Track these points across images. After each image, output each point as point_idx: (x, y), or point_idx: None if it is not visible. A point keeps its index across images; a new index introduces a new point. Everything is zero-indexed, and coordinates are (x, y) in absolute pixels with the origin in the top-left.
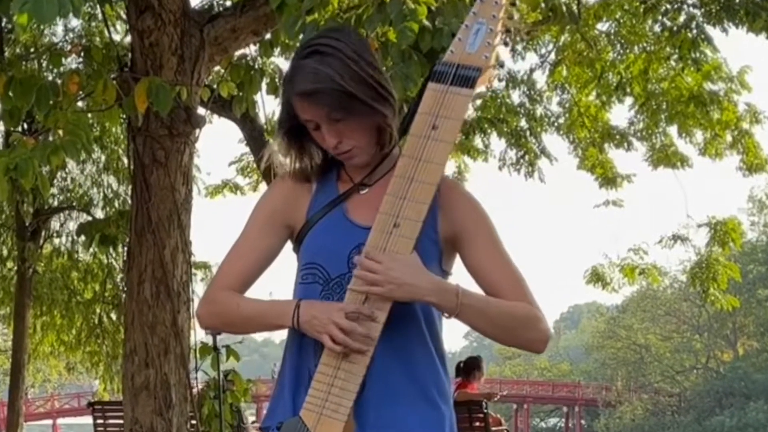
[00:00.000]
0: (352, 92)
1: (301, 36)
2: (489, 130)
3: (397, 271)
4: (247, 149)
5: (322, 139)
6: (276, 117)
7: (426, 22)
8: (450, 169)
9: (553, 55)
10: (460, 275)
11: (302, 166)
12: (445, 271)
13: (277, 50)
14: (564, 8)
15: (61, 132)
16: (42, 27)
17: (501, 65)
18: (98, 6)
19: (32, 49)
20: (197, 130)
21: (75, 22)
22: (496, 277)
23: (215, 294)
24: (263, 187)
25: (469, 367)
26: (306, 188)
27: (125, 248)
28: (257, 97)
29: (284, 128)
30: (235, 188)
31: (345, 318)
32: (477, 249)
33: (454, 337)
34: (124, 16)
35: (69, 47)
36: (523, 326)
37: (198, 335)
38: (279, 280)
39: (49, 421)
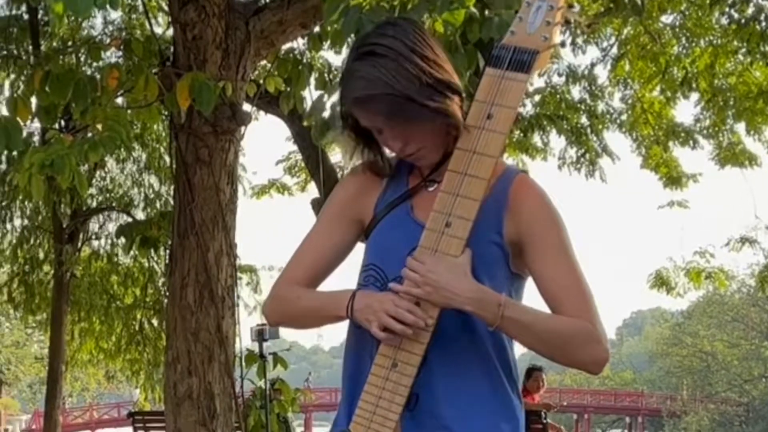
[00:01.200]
0: (409, 96)
1: (341, 21)
2: (548, 128)
3: (438, 275)
4: (294, 147)
5: (387, 145)
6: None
7: (474, 11)
8: None
9: (615, 49)
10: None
11: (376, 160)
12: (517, 274)
13: (326, 44)
14: None
15: (99, 127)
16: (80, 19)
17: (562, 45)
18: None
19: (70, 43)
20: (243, 128)
21: (115, 15)
22: (557, 288)
23: (279, 289)
24: (312, 187)
25: (529, 377)
26: (377, 182)
27: (167, 251)
28: (305, 93)
29: (349, 125)
30: (283, 188)
31: (396, 307)
32: (542, 256)
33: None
34: (166, 8)
35: (108, 40)
36: (575, 346)
37: (243, 342)
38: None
39: None
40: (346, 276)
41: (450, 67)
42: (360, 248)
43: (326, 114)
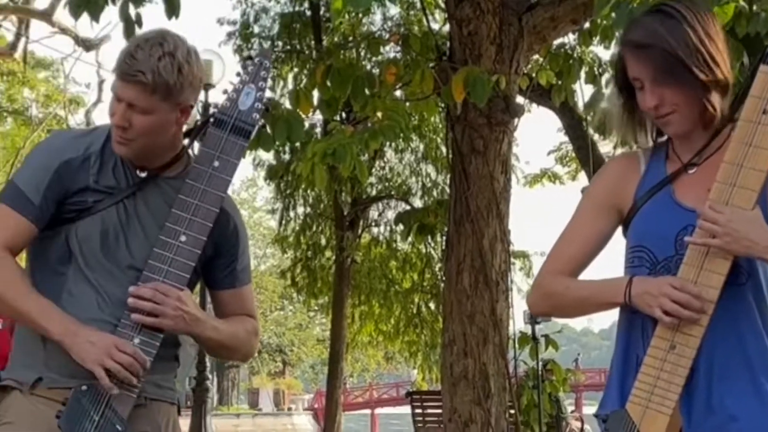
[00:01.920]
0: (681, 57)
1: (609, 15)
2: None
3: (738, 224)
4: (565, 138)
5: (643, 100)
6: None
7: (743, 4)
8: None
9: None
10: None
11: (633, 133)
12: None
13: (596, 39)
14: None
15: (379, 115)
16: (360, 16)
17: None
18: None
19: (350, 38)
20: (516, 119)
21: (393, 11)
22: None
23: (544, 279)
24: (582, 176)
25: None
26: (635, 169)
27: (444, 238)
28: (576, 86)
29: (620, 92)
30: (554, 177)
31: (675, 290)
32: None
33: None
34: (442, 5)
35: (387, 36)
36: None
37: (516, 325)
38: (609, 267)
39: (367, 411)
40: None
41: (726, 60)
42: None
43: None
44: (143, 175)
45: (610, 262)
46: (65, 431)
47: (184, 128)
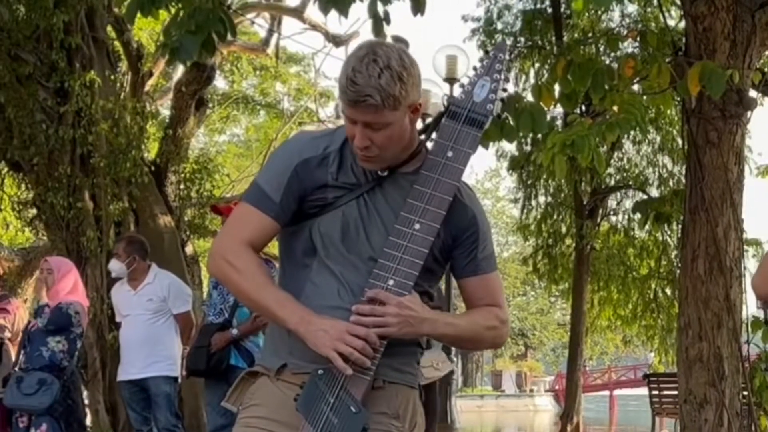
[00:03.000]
0: None
1: None
2: None
3: None
4: None
5: None
6: None
7: None
8: None
9: None
10: None
11: None
12: None
13: None
14: None
15: (616, 109)
16: (599, 12)
17: None
18: None
19: (590, 34)
20: (749, 112)
21: (631, 8)
22: None
23: None
24: None
25: None
26: None
27: (679, 226)
28: None
29: None
30: None
31: None
32: None
33: None
34: (678, 2)
35: (625, 32)
36: None
37: (749, 309)
38: None
39: (606, 392)
40: None
41: None
42: None
43: None
44: (384, 174)
45: None
46: (303, 413)
47: (427, 121)
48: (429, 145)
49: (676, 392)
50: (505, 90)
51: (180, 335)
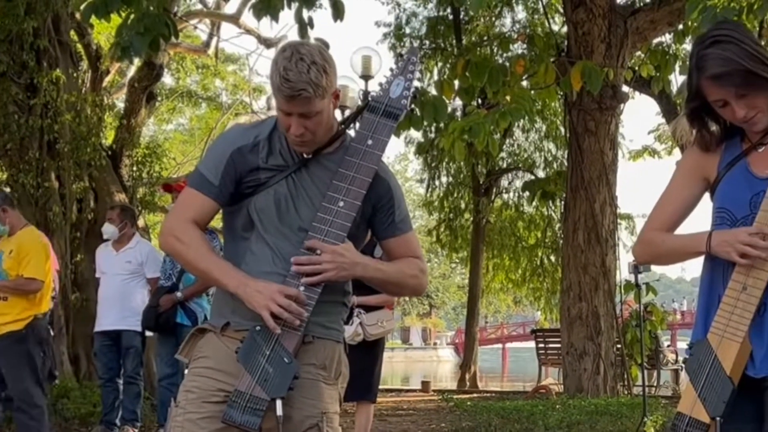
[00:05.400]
0: (753, 70)
1: (700, 18)
2: None
3: None
4: (663, 120)
5: (731, 114)
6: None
7: None
8: None
9: None
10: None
11: (703, 137)
12: None
13: (688, 38)
14: None
15: (508, 99)
16: (493, 18)
17: None
18: (540, 1)
19: (485, 37)
20: (622, 105)
21: (521, 15)
22: None
23: (646, 234)
24: (677, 151)
25: None
26: (715, 151)
27: (562, 202)
28: (671, 77)
29: (690, 108)
30: (653, 153)
31: (749, 237)
32: None
33: None
34: (561, 10)
35: (516, 36)
36: None
37: (622, 274)
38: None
39: (499, 345)
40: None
41: None
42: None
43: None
44: (309, 156)
45: (699, 221)
46: (243, 363)
47: (347, 113)
48: (351, 133)
49: (559, 345)
50: (416, 87)
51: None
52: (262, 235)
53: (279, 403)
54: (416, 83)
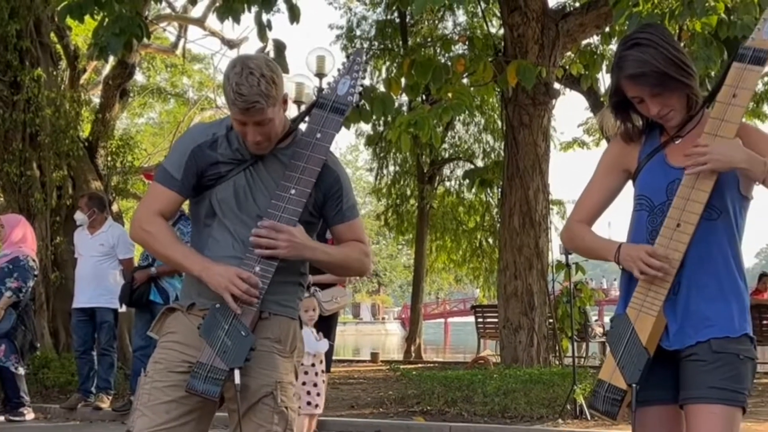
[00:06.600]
0: (667, 72)
1: (627, 23)
2: None
3: (719, 149)
4: (591, 114)
5: (647, 110)
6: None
7: (724, 16)
8: None
9: None
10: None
11: (627, 129)
12: (744, 196)
13: (614, 40)
14: None
15: (450, 95)
16: (436, 21)
17: None
18: (479, 5)
19: (429, 39)
20: (554, 100)
21: (461, 18)
22: None
23: (571, 225)
24: (604, 143)
25: (761, 280)
26: (636, 142)
27: (499, 189)
28: (599, 75)
29: (613, 102)
30: (582, 144)
31: (647, 257)
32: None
33: (747, 256)
34: (498, 14)
35: (457, 37)
36: None
37: (554, 255)
38: (618, 213)
39: (442, 320)
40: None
41: (690, 60)
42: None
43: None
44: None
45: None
46: (204, 337)
47: (302, 108)
48: (303, 127)
49: (496, 320)
50: (362, 85)
51: (123, 276)
52: (223, 222)
53: (237, 372)
54: (364, 81)
